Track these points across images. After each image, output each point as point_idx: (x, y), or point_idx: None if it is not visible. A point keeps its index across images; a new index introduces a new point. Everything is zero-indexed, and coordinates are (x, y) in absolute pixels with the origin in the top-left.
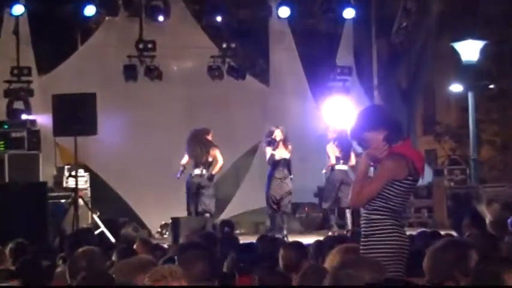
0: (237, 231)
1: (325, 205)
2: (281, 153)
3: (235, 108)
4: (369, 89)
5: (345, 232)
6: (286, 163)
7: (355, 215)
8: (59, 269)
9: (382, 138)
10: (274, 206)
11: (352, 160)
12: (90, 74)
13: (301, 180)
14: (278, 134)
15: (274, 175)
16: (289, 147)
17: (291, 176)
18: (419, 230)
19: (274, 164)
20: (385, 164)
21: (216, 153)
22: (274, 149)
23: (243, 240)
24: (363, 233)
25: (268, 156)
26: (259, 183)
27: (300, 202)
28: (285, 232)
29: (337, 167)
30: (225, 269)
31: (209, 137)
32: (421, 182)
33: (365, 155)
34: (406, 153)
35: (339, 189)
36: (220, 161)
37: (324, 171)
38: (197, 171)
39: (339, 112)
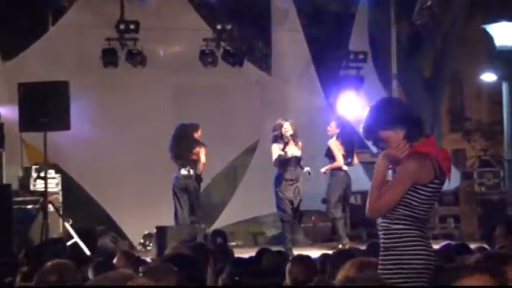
0: (233, 243)
1: (336, 213)
2: (292, 150)
3: (231, 99)
4: (386, 78)
5: (345, 245)
6: (297, 161)
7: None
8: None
9: (402, 136)
10: (292, 213)
11: (355, 160)
12: (62, 59)
13: (307, 184)
14: (288, 128)
15: (284, 176)
16: (300, 143)
17: (307, 169)
18: (443, 243)
19: (284, 163)
20: (407, 165)
21: (201, 151)
22: (284, 147)
23: (239, 253)
24: (382, 245)
25: (275, 155)
26: (258, 187)
27: (305, 210)
28: (289, 245)
29: (344, 167)
30: (220, 284)
31: (196, 134)
32: (446, 187)
33: (382, 156)
34: (430, 151)
35: (346, 194)
36: (202, 159)
37: (323, 170)
38: (184, 171)
39: (351, 105)
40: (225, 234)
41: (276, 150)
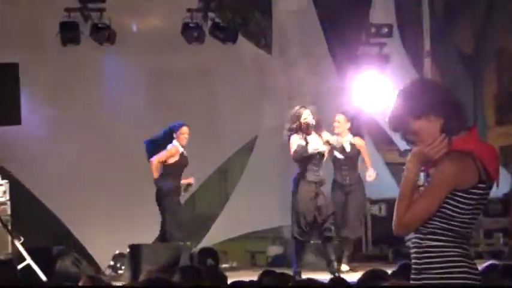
0: (226, 265)
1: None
2: (315, 144)
3: (221, 85)
4: (417, 56)
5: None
6: (322, 158)
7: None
8: None
9: (438, 128)
10: (306, 229)
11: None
12: (10, 35)
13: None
14: (308, 117)
15: (306, 178)
16: (323, 135)
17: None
18: (487, 263)
19: (305, 160)
20: (444, 167)
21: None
22: (305, 139)
23: (235, 277)
24: (413, 266)
25: (294, 147)
26: (256, 195)
27: None
28: (299, 268)
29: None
30: None
31: (177, 135)
32: (494, 193)
33: (413, 155)
34: (473, 149)
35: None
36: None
37: (370, 176)
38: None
39: (373, 90)
40: (216, 254)
41: (295, 142)
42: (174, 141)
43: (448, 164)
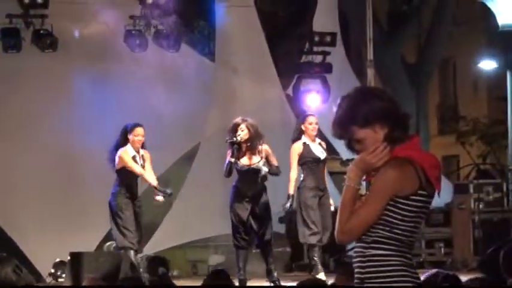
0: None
1: (312, 239)
2: (248, 160)
3: (164, 92)
4: (360, 65)
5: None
6: (255, 173)
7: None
8: None
9: (381, 137)
10: (244, 237)
11: None
12: None
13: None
14: (243, 132)
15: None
16: (263, 151)
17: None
18: (428, 272)
19: (238, 174)
20: (384, 173)
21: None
22: (237, 156)
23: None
24: (357, 275)
25: (225, 163)
26: (198, 203)
27: None
28: (243, 273)
29: None
30: None
31: (132, 137)
32: (435, 203)
33: (354, 163)
34: (414, 156)
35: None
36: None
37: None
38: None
39: (315, 99)
40: (167, 262)
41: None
42: (127, 146)
43: (387, 171)
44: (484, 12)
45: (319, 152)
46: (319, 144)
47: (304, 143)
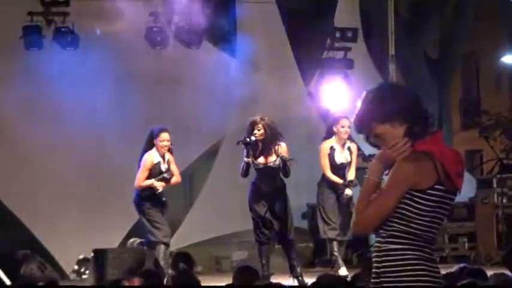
0: (197, 269)
1: (330, 233)
2: (264, 158)
3: (185, 89)
4: (381, 61)
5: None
6: (272, 171)
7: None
8: None
9: (401, 132)
10: (266, 233)
11: None
12: None
13: None
14: (259, 132)
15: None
16: (281, 148)
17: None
18: (455, 266)
19: (256, 171)
20: (401, 166)
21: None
22: (253, 154)
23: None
24: (374, 270)
25: (241, 164)
26: (221, 199)
27: None
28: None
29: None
30: None
31: (157, 141)
32: (458, 198)
33: (376, 158)
34: (434, 150)
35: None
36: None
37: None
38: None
39: (336, 95)
40: (190, 259)
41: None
42: (153, 150)
43: (404, 164)
44: (506, 6)
45: (343, 158)
46: (348, 148)
47: (332, 147)
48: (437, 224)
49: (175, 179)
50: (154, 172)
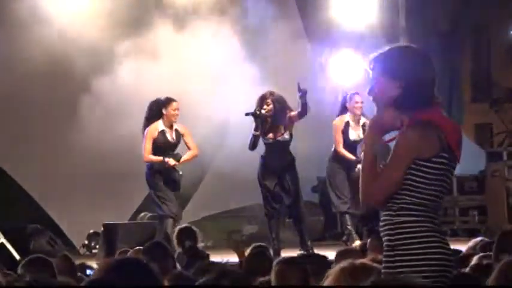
0: (201, 244)
1: (342, 207)
2: (273, 133)
3: (192, 63)
4: (392, 33)
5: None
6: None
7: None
8: None
9: (393, 94)
10: (275, 207)
11: None
12: None
13: None
14: (268, 107)
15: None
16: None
17: None
18: (473, 240)
19: (265, 146)
20: (405, 135)
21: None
22: (263, 130)
23: (211, 255)
24: (386, 243)
25: (250, 137)
26: (231, 172)
27: None
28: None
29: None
30: None
31: (166, 111)
32: (469, 171)
33: (369, 126)
34: (435, 119)
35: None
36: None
37: None
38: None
39: (347, 68)
40: (193, 233)
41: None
42: (159, 121)
43: (408, 132)
44: None
45: (356, 135)
46: (363, 125)
47: (347, 123)
48: (443, 194)
49: (192, 152)
50: (159, 141)
